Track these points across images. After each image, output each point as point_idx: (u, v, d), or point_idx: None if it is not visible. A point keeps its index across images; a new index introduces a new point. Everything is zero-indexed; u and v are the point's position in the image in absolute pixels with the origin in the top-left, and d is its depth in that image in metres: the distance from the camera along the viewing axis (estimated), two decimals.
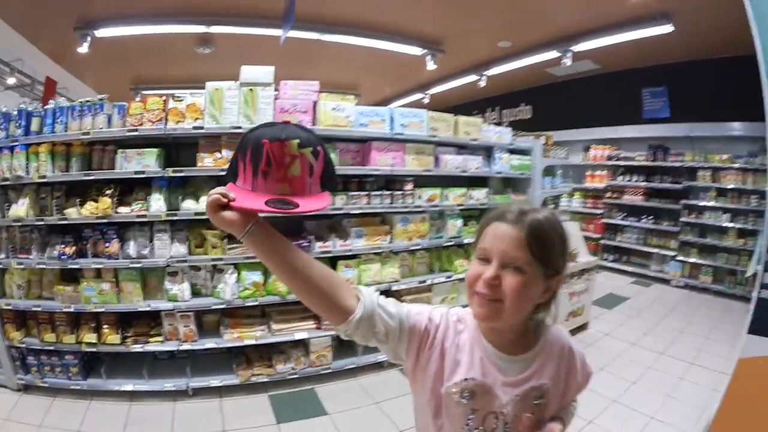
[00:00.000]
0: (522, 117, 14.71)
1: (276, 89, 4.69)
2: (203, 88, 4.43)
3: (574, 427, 4.07)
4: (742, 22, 3.03)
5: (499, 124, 13.48)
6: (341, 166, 4.86)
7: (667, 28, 8.24)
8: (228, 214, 1.22)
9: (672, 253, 9.88)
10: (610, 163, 11.25)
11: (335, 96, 4.97)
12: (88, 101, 4.42)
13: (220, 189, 1.23)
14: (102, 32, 8.53)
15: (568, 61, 9.95)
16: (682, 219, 9.63)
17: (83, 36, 8.44)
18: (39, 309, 4.48)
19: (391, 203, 5.19)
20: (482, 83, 12.49)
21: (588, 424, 4.41)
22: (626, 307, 8.37)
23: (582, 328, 6.93)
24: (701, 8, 7.40)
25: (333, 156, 4.73)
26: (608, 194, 11.26)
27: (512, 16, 8.83)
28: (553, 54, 10.18)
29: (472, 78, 12.60)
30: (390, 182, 5.40)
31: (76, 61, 10.09)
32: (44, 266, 4.44)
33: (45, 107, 4.49)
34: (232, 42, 9.66)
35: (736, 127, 8.79)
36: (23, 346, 4.57)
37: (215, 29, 8.91)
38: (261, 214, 1.26)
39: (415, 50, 10.49)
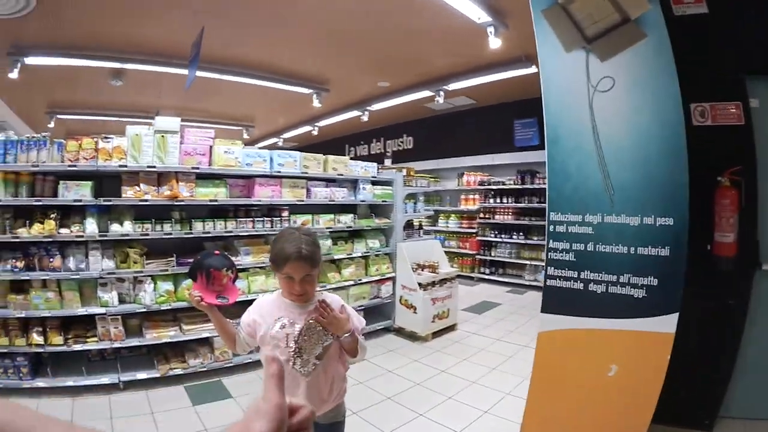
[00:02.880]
0: (405, 147, 15.70)
1: (181, 135, 5.64)
2: (116, 115, 5.26)
3: (433, 401, 5.16)
4: None
5: (383, 153, 14.23)
6: (231, 198, 6.06)
7: (531, 69, 9.28)
8: (203, 304, 2.47)
9: (543, 264, 10.67)
10: (482, 187, 12.20)
11: (226, 141, 5.97)
12: (34, 137, 5.13)
13: (196, 294, 2.48)
14: (31, 60, 8.89)
15: (440, 99, 11.01)
16: None
17: (14, 62, 8.79)
18: None
19: (272, 227, 6.31)
20: (365, 117, 13.48)
21: (447, 399, 5.19)
22: (497, 311, 9.22)
23: (450, 329, 7.83)
24: None
25: (224, 191, 5.94)
26: (481, 215, 12.20)
27: (389, 61, 9.83)
28: (427, 93, 11.20)
29: (355, 113, 13.56)
30: (271, 210, 6.58)
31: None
32: None
33: None
34: (141, 77, 10.29)
35: None
36: None
37: (128, 66, 9.52)
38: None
39: (303, 90, 11.36)
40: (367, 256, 7.58)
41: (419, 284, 7.43)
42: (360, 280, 7.35)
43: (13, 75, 9.04)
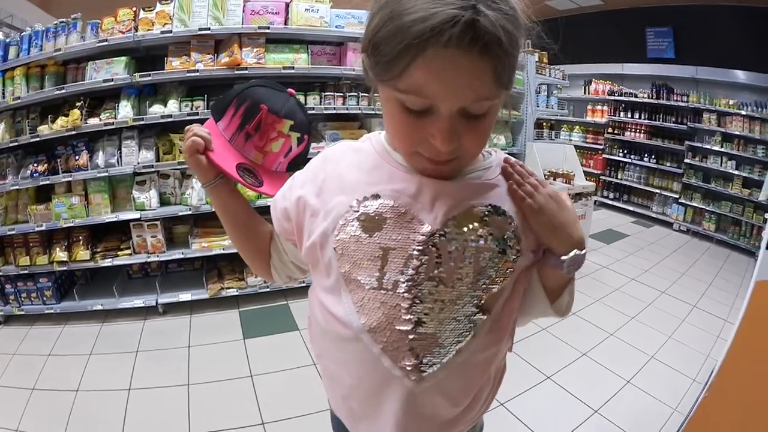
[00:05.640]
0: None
1: None
2: None
3: (567, 357, 4.10)
4: None
5: None
6: (315, 66, 4.73)
7: None
8: (201, 158, 1.22)
9: (674, 195, 9.50)
10: (611, 98, 10.81)
11: None
12: (62, 22, 4.35)
13: (202, 131, 1.23)
14: None
15: None
16: (686, 161, 9.19)
17: None
18: (13, 232, 4.40)
19: (370, 105, 4.94)
20: None
21: (580, 357, 4.17)
22: (625, 243, 8.09)
23: None
24: None
25: (305, 57, 4.67)
26: (609, 130, 10.85)
27: None
28: None
29: None
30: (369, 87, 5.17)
31: (65, 6, 9.44)
32: (18, 187, 4.36)
33: (21, 35, 4.43)
34: None
35: (741, 76, 8.43)
36: (1, 274, 4.53)
37: None
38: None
39: None
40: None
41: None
42: None
43: None
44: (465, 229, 0.96)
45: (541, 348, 4.18)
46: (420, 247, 0.95)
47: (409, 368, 0.96)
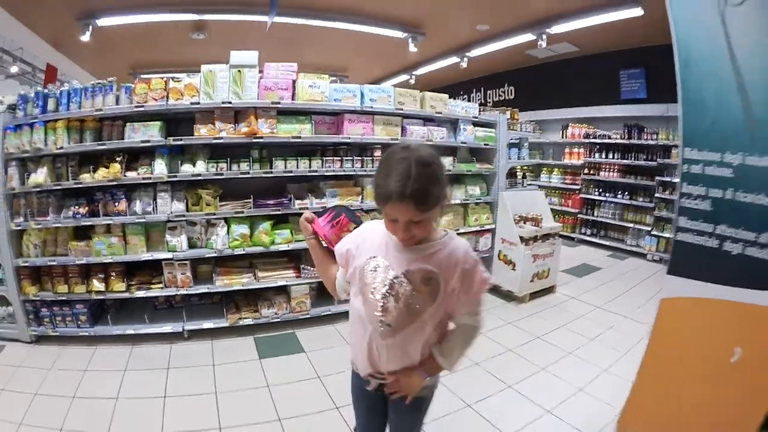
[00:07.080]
0: (506, 97, 14.95)
1: (260, 70, 5.30)
2: (199, 71, 5.03)
3: (527, 371, 4.74)
4: None
5: (484, 104, 13.64)
6: (317, 135, 5.59)
7: (637, 12, 8.36)
8: (309, 225, 2.30)
9: (647, 228, 10.03)
10: (587, 140, 11.36)
11: (312, 75, 5.51)
12: (99, 83, 4.96)
13: (312, 215, 2.34)
14: (103, 21, 8.91)
15: (543, 43, 10.19)
16: (657, 195, 9.68)
17: (85, 25, 8.87)
18: (54, 263, 4.99)
19: (362, 167, 5.81)
20: (464, 64, 12.70)
21: (540, 371, 4.76)
22: (597, 275, 8.60)
23: (549, 291, 7.33)
24: None
25: (309, 127, 5.51)
26: (586, 171, 11.40)
27: (488, 1, 9.06)
28: (529, 36, 10.38)
29: (454, 60, 12.83)
30: (362, 150, 5.99)
31: (76, 47, 10.49)
32: (60, 225, 4.96)
33: (60, 89, 4.97)
34: (225, 28, 10.09)
35: None
36: (37, 299, 5.03)
37: (208, 17, 9.30)
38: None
39: (397, 33, 10.76)
40: (466, 204, 7.07)
41: (521, 238, 6.87)
42: (457, 230, 6.74)
43: (86, 38, 9.16)
44: (411, 278, 1.93)
45: (505, 364, 4.87)
46: (389, 283, 1.94)
47: (384, 335, 1.99)
